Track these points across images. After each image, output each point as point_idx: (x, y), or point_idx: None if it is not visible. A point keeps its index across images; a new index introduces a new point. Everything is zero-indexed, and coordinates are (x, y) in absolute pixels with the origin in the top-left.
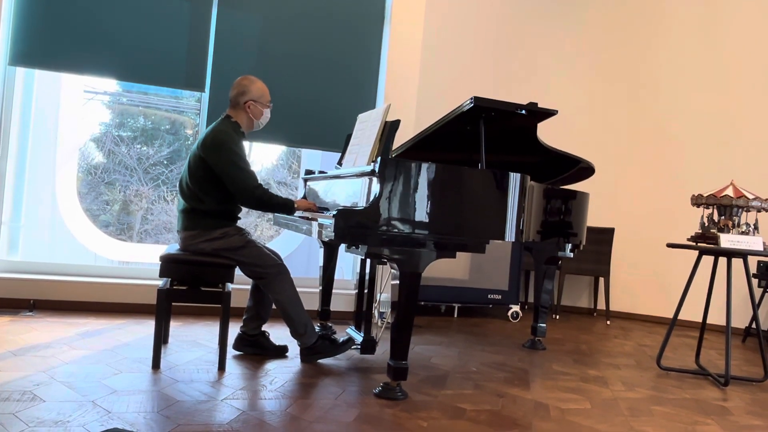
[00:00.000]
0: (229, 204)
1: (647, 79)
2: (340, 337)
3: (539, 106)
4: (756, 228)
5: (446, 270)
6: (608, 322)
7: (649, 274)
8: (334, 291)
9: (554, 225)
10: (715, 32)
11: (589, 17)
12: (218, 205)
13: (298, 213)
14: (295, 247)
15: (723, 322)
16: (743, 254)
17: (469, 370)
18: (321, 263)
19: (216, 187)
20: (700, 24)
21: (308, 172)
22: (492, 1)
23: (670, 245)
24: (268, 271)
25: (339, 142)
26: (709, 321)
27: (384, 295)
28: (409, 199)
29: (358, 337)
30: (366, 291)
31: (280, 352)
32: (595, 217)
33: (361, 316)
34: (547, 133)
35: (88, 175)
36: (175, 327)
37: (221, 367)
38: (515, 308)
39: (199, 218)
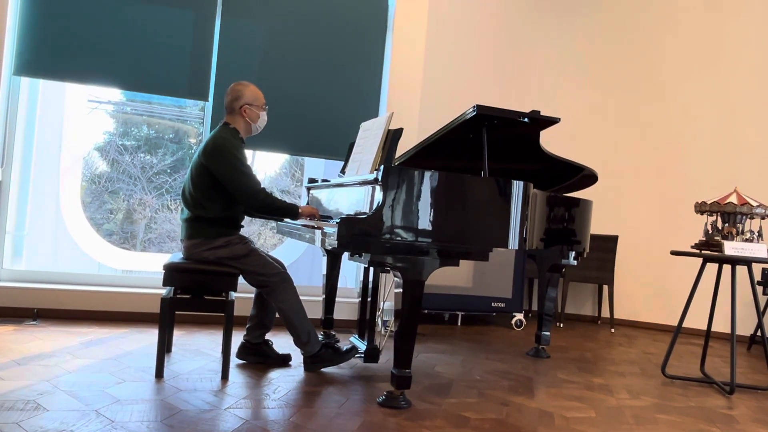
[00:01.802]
0: (233, 211)
1: (651, 86)
2: (344, 345)
3: (542, 113)
4: (760, 235)
5: (450, 278)
6: (612, 330)
7: (653, 281)
8: (337, 299)
9: (558, 233)
10: (719, 39)
11: (593, 25)
12: (221, 212)
13: (301, 221)
14: (299, 256)
15: (728, 330)
16: (747, 261)
17: (473, 379)
18: (324, 271)
19: (219, 194)
20: (705, 31)
21: (311, 180)
22: (495, 9)
23: (674, 253)
24: (271, 280)
25: (342, 151)
26: (713, 329)
27: (387, 303)
28: (412, 207)
29: (362, 346)
30: (369, 299)
31: (284, 360)
32: (598, 224)
33: (365, 324)
34: (550, 140)
35: (92, 184)
36: (179, 336)
37: (224, 376)
38: (519, 316)
39: (202, 226)
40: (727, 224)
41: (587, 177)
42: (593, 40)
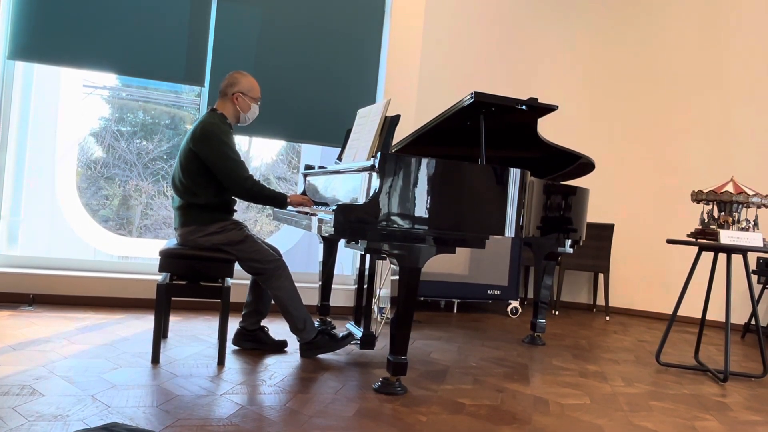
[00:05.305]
0: (225, 196)
1: (648, 75)
2: (340, 332)
3: (539, 101)
4: (756, 224)
5: (446, 265)
6: (607, 318)
7: (648, 270)
8: (333, 286)
9: (554, 221)
10: (715, 28)
11: (590, 13)
12: (213, 197)
13: (295, 208)
14: (295, 243)
15: (722, 318)
16: (743, 250)
17: (469, 365)
18: (320, 258)
19: (210, 180)
20: (700, 20)
21: (308, 167)
22: None
23: (669, 241)
24: (267, 267)
25: (339, 137)
26: (708, 317)
27: (383, 290)
28: (409, 195)
29: (358, 333)
30: (365, 286)
31: (279, 347)
32: (594, 212)
33: (361, 311)
34: (547, 128)
35: (88, 169)
36: (175, 322)
37: (220, 361)
38: (515, 304)
39: (195, 213)
40: (723, 213)
41: (584, 165)
42: (592, 29)
